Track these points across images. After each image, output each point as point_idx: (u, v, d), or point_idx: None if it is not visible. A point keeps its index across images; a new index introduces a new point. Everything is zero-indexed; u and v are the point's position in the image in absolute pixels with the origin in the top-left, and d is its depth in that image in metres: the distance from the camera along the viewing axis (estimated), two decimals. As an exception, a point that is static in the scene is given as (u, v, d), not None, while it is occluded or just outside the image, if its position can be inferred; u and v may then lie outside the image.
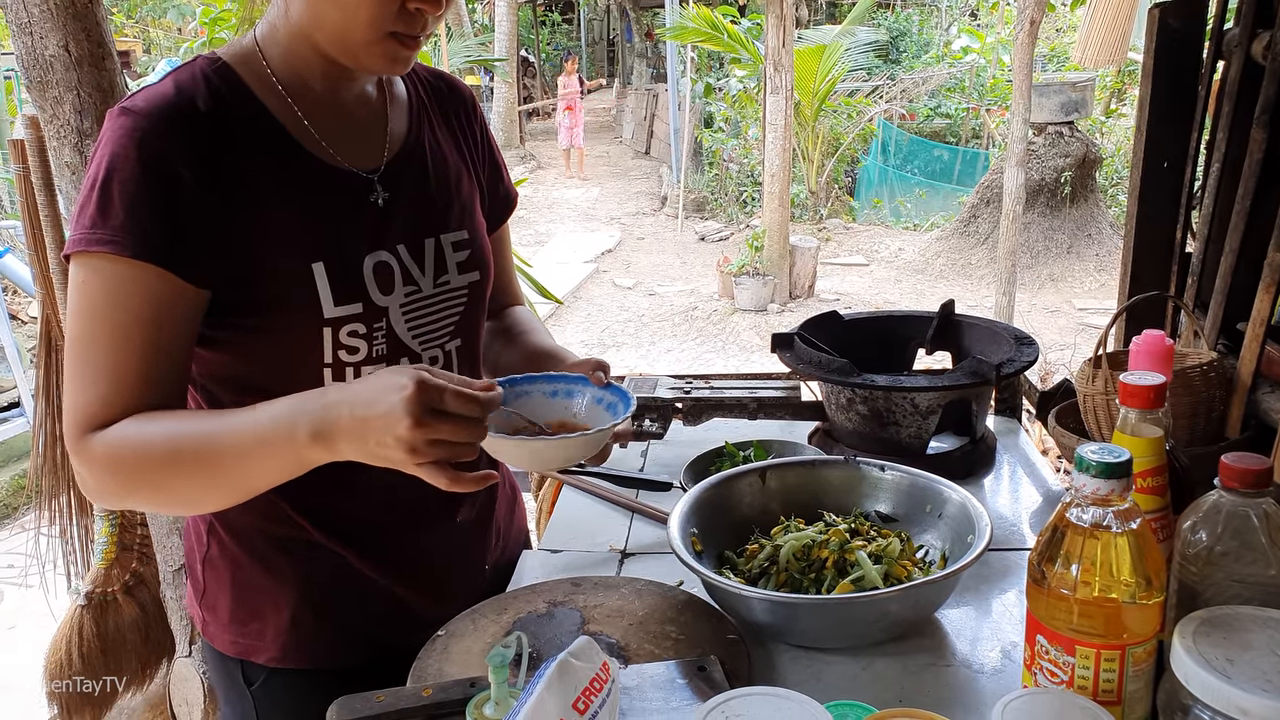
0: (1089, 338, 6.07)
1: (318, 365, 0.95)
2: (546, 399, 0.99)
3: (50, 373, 2.17)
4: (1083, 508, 0.77)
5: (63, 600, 2.21)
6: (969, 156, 10.29)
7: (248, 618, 1.05)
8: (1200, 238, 1.44)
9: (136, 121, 0.87)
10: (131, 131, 0.86)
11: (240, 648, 1.06)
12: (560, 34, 20.36)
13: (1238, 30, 1.39)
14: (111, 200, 0.85)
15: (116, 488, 0.88)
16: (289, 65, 0.96)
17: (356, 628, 1.08)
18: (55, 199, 2.00)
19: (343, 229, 0.97)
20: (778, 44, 6.70)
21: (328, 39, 0.92)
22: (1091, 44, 4.39)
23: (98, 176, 0.86)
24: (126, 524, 2.17)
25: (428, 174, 1.06)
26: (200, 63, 0.95)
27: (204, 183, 0.88)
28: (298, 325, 0.94)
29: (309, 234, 0.94)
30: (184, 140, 0.88)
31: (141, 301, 0.86)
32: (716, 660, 0.95)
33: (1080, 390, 1.31)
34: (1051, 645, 0.79)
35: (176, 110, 0.89)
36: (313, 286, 0.93)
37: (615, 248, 9.14)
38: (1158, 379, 0.89)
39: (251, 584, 1.04)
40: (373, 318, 0.96)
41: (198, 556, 1.07)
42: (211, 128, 0.90)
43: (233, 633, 1.06)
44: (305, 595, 1.04)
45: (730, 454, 1.53)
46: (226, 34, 2.51)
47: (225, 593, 1.05)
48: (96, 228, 0.85)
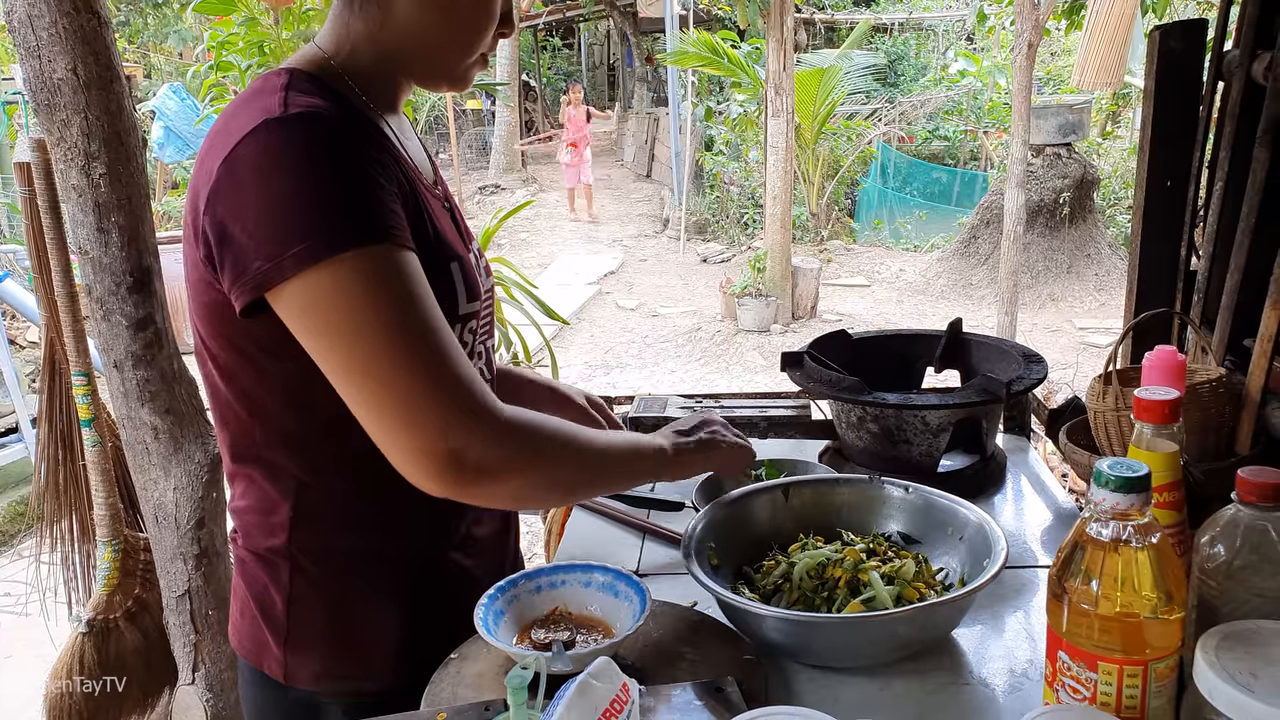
0: (1090, 357, 6.07)
1: None
2: (582, 589, 1.09)
3: (54, 398, 2.17)
4: (1103, 523, 0.77)
5: (64, 627, 2.20)
6: (967, 178, 10.35)
7: (353, 649, 1.02)
8: (1205, 255, 1.44)
9: (327, 122, 0.83)
10: (330, 130, 0.83)
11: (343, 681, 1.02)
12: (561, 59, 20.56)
13: (1238, 52, 1.41)
14: (348, 196, 0.81)
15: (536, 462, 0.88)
16: (370, 82, 0.96)
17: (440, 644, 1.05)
18: (61, 222, 2.00)
19: (453, 233, 1.00)
20: (778, 68, 6.76)
21: (426, 58, 0.95)
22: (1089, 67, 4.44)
23: (309, 180, 0.80)
24: (130, 549, 2.16)
25: (449, 192, 1.11)
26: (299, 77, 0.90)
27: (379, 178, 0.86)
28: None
29: (442, 235, 0.96)
30: (359, 138, 0.86)
31: (421, 278, 0.85)
32: (734, 681, 0.94)
33: (1091, 407, 1.31)
34: (1074, 661, 0.78)
35: (336, 112, 0.86)
36: (452, 285, 0.95)
37: (618, 269, 9.16)
38: (1173, 394, 0.89)
39: (355, 613, 1.01)
40: (480, 316, 1.03)
41: (278, 596, 1.00)
42: (357, 131, 0.88)
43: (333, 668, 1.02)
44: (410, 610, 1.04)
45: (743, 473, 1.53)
46: (235, 58, 2.54)
47: (323, 628, 1.01)
48: (349, 225, 0.80)
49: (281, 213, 0.79)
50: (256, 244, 0.80)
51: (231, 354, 0.92)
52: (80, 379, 2.02)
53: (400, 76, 0.99)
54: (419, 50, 0.94)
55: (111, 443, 2.09)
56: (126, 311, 1.83)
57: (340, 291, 0.79)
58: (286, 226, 0.79)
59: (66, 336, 2.03)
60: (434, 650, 1.04)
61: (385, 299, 0.80)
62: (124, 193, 1.83)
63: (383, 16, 0.93)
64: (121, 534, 2.13)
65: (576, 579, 1.08)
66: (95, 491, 2.08)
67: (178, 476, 1.96)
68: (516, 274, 3.50)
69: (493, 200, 11.71)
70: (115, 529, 2.11)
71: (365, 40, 0.94)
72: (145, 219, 1.87)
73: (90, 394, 2.03)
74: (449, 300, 0.95)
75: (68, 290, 2.01)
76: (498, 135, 13.13)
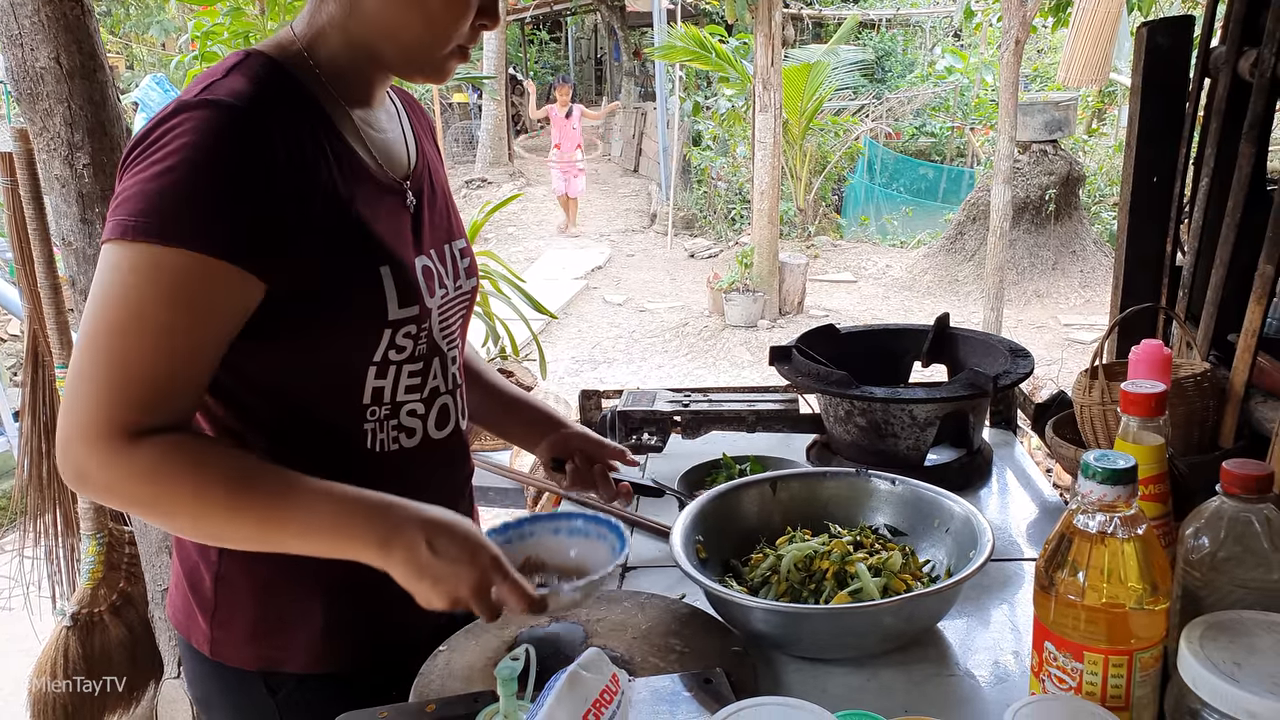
0: (1075, 352, 6.11)
1: (365, 364, 0.96)
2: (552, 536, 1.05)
3: (37, 390, 2.15)
4: (1089, 514, 0.77)
5: (47, 622, 2.18)
6: (954, 175, 10.38)
7: (274, 628, 1.03)
8: (1190, 251, 1.45)
9: (223, 113, 0.84)
10: (218, 122, 0.83)
11: (264, 660, 1.04)
12: (548, 53, 20.46)
13: (1224, 48, 1.42)
14: (185, 192, 0.82)
15: (150, 500, 0.86)
16: (338, 71, 0.95)
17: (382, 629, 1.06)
18: (44, 213, 1.98)
19: (398, 233, 0.98)
20: (766, 63, 6.75)
21: (397, 48, 0.94)
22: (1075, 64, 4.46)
23: (174, 165, 0.82)
24: (114, 542, 2.14)
25: (435, 185, 1.09)
26: (253, 60, 0.92)
27: (286, 180, 0.87)
28: (361, 327, 0.95)
29: (374, 237, 0.95)
30: (269, 134, 0.86)
31: (204, 300, 0.84)
32: (722, 673, 0.94)
33: (1077, 401, 1.31)
34: (1060, 652, 0.79)
35: (259, 104, 0.86)
36: (380, 289, 0.94)
37: (605, 264, 9.14)
38: (1159, 387, 0.90)
39: (278, 593, 1.02)
40: (422, 320, 0.99)
41: (207, 574, 1.03)
42: (285, 126, 0.88)
43: (255, 645, 1.03)
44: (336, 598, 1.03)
45: (727, 466, 1.53)
46: (219, 48, 2.51)
47: (246, 605, 1.03)
48: (168, 219, 0.81)
49: (134, 185, 0.83)
50: (113, 202, 0.85)
51: None
52: (64, 371, 2.00)
53: (373, 66, 0.97)
54: (389, 40, 0.93)
55: (95, 436, 2.06)
56: (111, 303, 1.81)
57: (112, 271, 0.83)
58: (127, 197, 0.83)
59: (50, 329, 2.01)
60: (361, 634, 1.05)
61: (120, 297, 0.82)
62: (108, 184, 1.81)
63: (352, 4, 0.92)
64: (106, 527, 2.11)
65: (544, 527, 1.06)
66: (79, 485, 2.06)
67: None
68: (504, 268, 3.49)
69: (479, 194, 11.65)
70: (100, 522, 2.09)
71: (336, 28, 0.94)
72: (130, 210, 1.85)
73: (74, 386, 2.00)
74: (375, 306, 0.94)
75: (51, 282, 2.00)
76: (484, 129, 13.06)
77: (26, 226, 1.98)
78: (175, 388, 0.85)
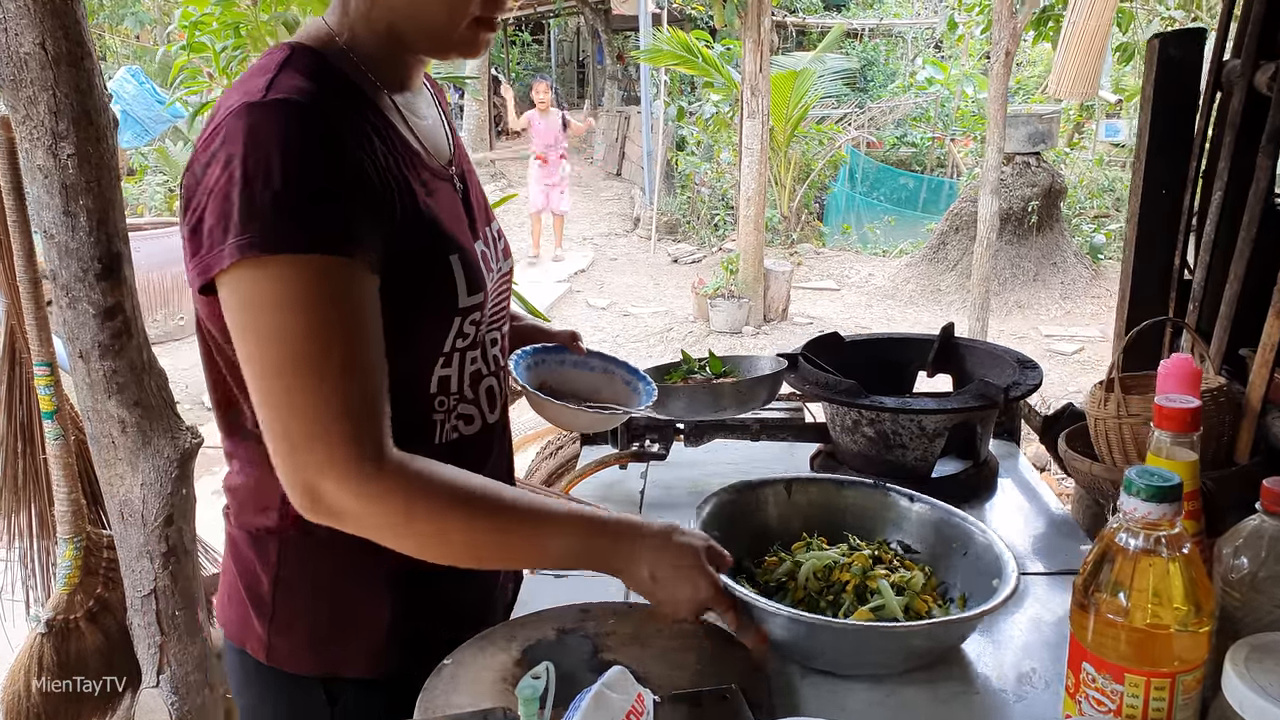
0: (1057, 364, 6.15)
1: (435, 355, 0.96)
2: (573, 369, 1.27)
3: (13, 389, 2.09)
4: (1132, 533, 0.75)
5: (20, 629, 2.11)
6: (934, 184, 10.46)
7: (337, 632, 1.01)
8: (1201, 264, 1.44)
9: (302, 111, 0.81)
10: (301, 121, 0.81)
11: (325, 665, 1.02)
12: (530, 54, 20.40)
13: (1239, 62, 1.41)
14: (306, 197, 0.79)
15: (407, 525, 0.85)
16: (378, 60, 0.94)
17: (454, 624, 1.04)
18: (25, 204, 1.92)
19: (458, 220, 0.99)
20: (755, 69, 6.75)
21: (420, 29, 0.93)
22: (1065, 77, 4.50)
23: (273, 170, 0.78)
24: (93, 547, 2.08)
25: (470, 167, 1.09)
26: (302, 55, 0.89)
27: (367, 174, 0.85)
28: (436, 317, 0.94)
29: (442, 226, 0.94)
30: (341, 129, 0.84)
31: (357, 298, 0.83)
32: (738, 690, 0.91)
33: (1091, 414, 1.30)
34: (1099, 673, 0.76)
35: (326, 99, 0.85)
36: (451, 279, 0.94)
37: (588, 268, 9.11)
38: (1193, 402, 0.88)
39: (342, 594, 1.00)
40: (485, 306, 1.00)
41: (265, 576, 1.00)
42: (348, 121, 0.87)
43: (317, 651, 1.01)
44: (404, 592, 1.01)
45: (686, 361, 1.60)
46: (208, 39, 2.45)
47: (307, 609, 1.01)
48: (294, 228, 0.79)
49: (238, 200, 0.78)
50: (212, 225, 0.80)
51: (221, 329, 0.90)
52: (43, 369, 1.94)
53: (405, 51, 0.97)
54: (410, 21, 0.93)
55: (75, 436, 2.01)
56: (94, 299, 1.75)
57: (262, 292, 0.79)
58: (239, 214, 0.78)
59: (28, 324, 1.95)
60: (422, 640, 1.02)
61: (300, 314, 0.80)
62: (93, 175, 1.75)
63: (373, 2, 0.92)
64: (84, 531, 2.05)
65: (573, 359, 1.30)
66: (57, 486, 2.00)
67: (146, 471, 1.89)
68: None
69: (462, 195, 11.56)
70: (77, 525, 2.03)
71: (363, 18, 0.93)
72: (115, 202, 1.80)
73: (53, 385, 1.95)
74: (447, 295, 0.94)
75: (30, 276, 1.93)
76: (466, 129, 13.00)
77: (6, 218, 1.91)
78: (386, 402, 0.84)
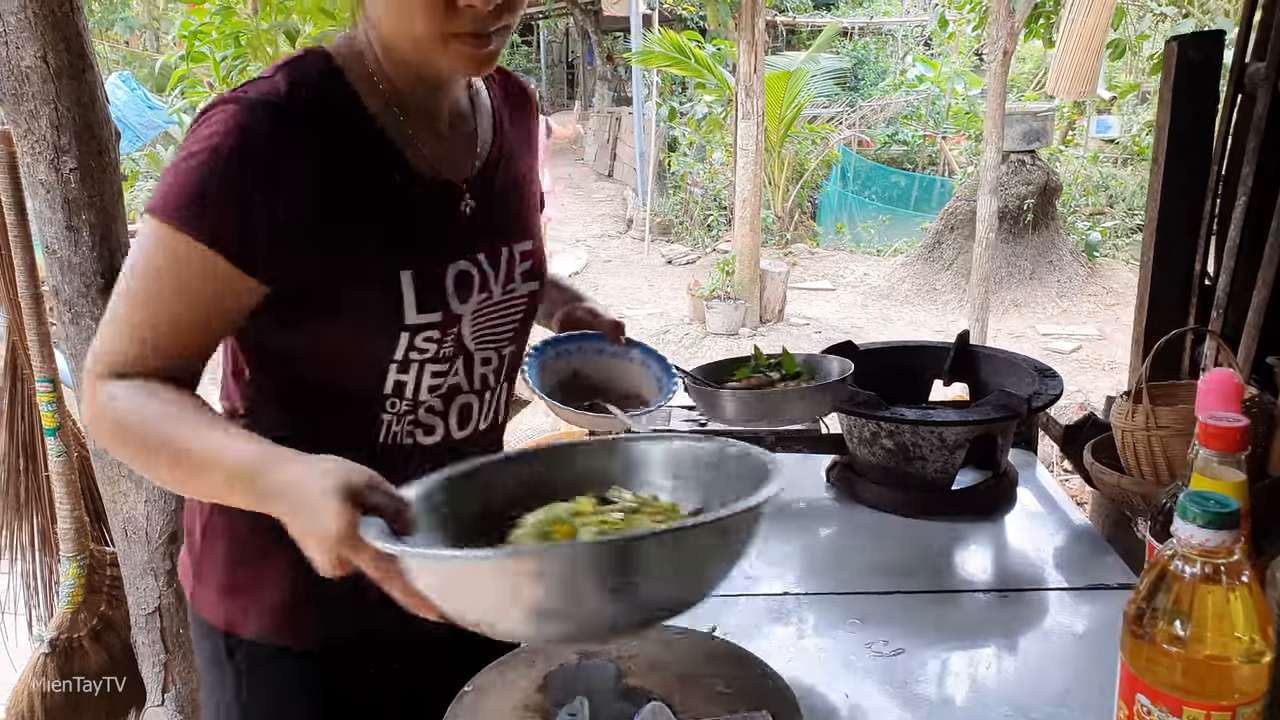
0: (1055, 363, 6.13)
1: (387, 360, 0.96)
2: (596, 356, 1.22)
3: (15, 405, 2.05)
4: (1190, 560, 0.73)
5: (24, 648, 2.08)
6: (925, 183, 10.44)
7: (239, 589, 1.04)
8: (1226, 270, 1.43)
9: (244, 112, 0.87)
10: (237, 120, 0.86)
11: (227, 620, 1.05)
12: (520, 55, 20.35)
13: (1263, 65, 1.40)
14: (200, 183, 0.86)
15: (104, 438, 0.91)
16: (391, 72, 0.96)
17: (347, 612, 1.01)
18: (26, 219, 1.89)
19: (433, 238, 0.98)
20: (749, 69, 6.73)
21: (411, 46, 0.92)
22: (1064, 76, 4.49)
23: (194, 154, 0.87)
24: (96, 564, 2.05)
25: (507, 182, 1.07)
26: (312, 60, 0.95)
27: (300, 182, 0.88)
28: (377, 328, 0.95)
29: (401, 242, 0.95)
30: (287, 137, 0.88)
31: (196, 285, 0.88)
32: (769, 715, 0.90)
33: (1118, 425, 1.28)
34: (1155, 705, 0.75)
35: (285, 107, 0.88)
36: (398, 294, 0.93)
37: (582, 270, 9.07)
38: (1241, 420, 0.86)
39: (249, 555, 1.03)
40: (448, 325, 0.98)
41: (198, 523, 1.06)
42: (318, 128, 0.90)
43: (224, 602, 1.05)
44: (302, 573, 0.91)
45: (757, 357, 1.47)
46: (207, 48, 2.42)
47: (221, 560, 1.05)
48: (181, 205, 0.86)
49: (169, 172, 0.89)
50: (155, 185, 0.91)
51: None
52: (45, 385, 1.91)
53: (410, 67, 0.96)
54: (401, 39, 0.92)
55: (78, 452, 1.98)
56: (97, 315, 1.72)
57: (143, 237, 0.90)
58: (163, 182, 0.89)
59: (30, 340, 1.92)
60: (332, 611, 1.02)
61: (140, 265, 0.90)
62: (95, 189, 1.73)
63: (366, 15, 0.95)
64: (87, 548, 2.02)
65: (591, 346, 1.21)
66: (59, 503, 1.97)
67: (150, 489, 1.86)
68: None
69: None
70: (80, 543, 2.00)
71: (368, 41, 0.96)
72: (118, 217, 1.77)
73: (55, 401, 1.92)
74: (391, 309, 0.94)
75: (32, 292, 1.91)
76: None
77: (7, 233, 1.88)
78: (154, 354, 0.90)
